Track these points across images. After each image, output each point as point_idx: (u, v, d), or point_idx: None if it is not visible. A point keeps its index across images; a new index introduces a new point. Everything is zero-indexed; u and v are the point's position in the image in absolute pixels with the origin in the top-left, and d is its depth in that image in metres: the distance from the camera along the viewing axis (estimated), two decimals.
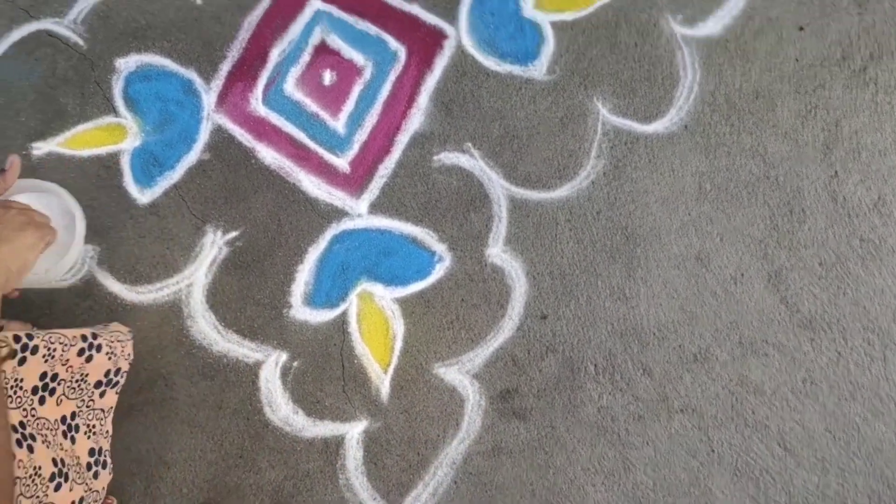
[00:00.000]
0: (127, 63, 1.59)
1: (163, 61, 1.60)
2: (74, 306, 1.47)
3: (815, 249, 1.44)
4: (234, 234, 1.50)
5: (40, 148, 1.54)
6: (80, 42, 1.60)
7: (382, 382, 1.43)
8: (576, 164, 1.51)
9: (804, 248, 1.44)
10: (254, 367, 1.44)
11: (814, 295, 1.43)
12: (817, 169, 1.47)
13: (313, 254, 1.49)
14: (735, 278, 1.44)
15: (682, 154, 1.49)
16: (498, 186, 1.50)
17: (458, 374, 1.43)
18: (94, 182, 1.53)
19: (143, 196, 1.52)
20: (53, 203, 1.15)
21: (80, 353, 1.12)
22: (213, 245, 1.49)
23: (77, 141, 1.55)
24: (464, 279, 1.47)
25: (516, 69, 1.57)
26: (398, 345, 1.44)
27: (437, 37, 1.59)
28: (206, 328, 1.46)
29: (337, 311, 1.46)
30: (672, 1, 1.55)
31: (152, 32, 1.61)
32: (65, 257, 1.13)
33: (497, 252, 1.47)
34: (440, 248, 1.48)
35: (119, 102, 1.57)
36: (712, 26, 1.54)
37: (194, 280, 1.48)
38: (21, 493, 0.92)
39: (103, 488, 1.16)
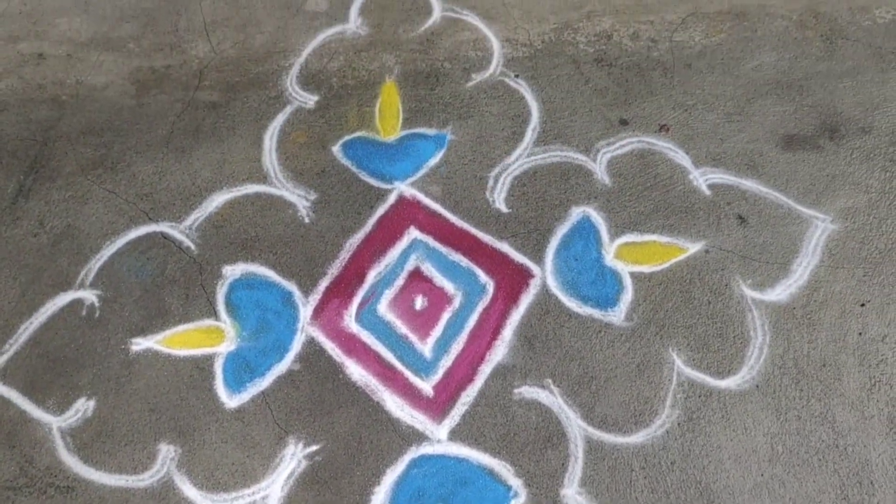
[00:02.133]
0: (233, 270, 1.71)
1: (267, 272, 1.71)
2: None
3: None
4: (314, 447, 1.53)
5: (139, 344, 1.61)
6: (192, 247, 1.73)
7: None
8: (651, 411, 1.57)
9: None
10: None
11: None
12: (884, 442, 1.53)
13: (390, 476, 1.51)
14: None
15: (753, 413, 1.55)
16: (576, 426, 1.55)
17: None
18: (185, 381, 1.58)
19: (231, 401, 1.57)
20: None
21: None
22: (294, 457, 1.52)
23: (175, 340, 1.63)
24: None
25: (596, 313, 1.67)
26: None
27: (524, 275, 1.71)
28: None
29: None
30: (742, 266, 1.69)
31: (260, 244, 1.74)
32: None
33: (572, 493, 1.49)
34: (516, 482, 1.50)
35: (221, 307, 1.66)
36: (780, 293, 1.67)
37: (270, 493, 1.49)
38: None
39: None
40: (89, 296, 1.64)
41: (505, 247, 1.76)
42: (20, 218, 1.72)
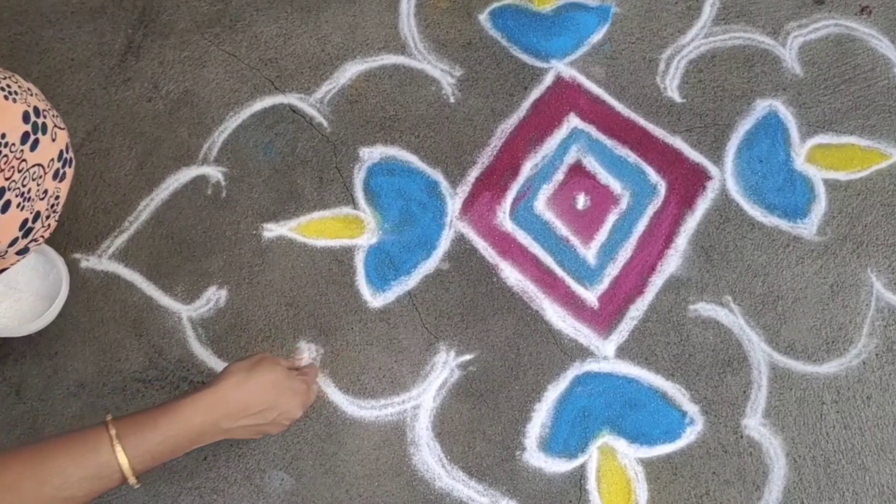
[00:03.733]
0: (371, 153, 1.50)
1: (409, 157, 1.50)
2: None
3: None
4: (468, 356, 1.38)
5: (272, 230, 1.44)
6: (325, 123, 1.52)
7: None
8: (845, 339, 1.39)
9: None
10: None
11: None
12: None
13: (553, 393, 1.36)
14: None
15: None
16: (759, 350, 1.38)
17: None
18: (324, 276, 1.42)
19: (374, 300, 1.41)
20: (50, 270, 1.33)
21: None
22: (445, 366, 1.37)
23: (311, 228, 1.45)
24: (716, 449, 1.33)
25: (784, 224, 1.46)
26: None
27: (700, 176, 1.49)
28: (429, 459, 1.32)
29: (575, 463, 1.33)
30: None
31: (400, 125, 1.52)
32: (37, 320, 1.28)
33: (755, 424, 1.34)
34: (692, 409, 1.35)
35: (359, 194, 1.47)
36: None
37: (422, 402, 1.35)
38: None
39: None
40: (215, 172, 1.46)
41: (678, 142, 1.52)
42: (131, 79, 1.51)
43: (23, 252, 1.02)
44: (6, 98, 0.88)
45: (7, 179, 0.88)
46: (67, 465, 0.79)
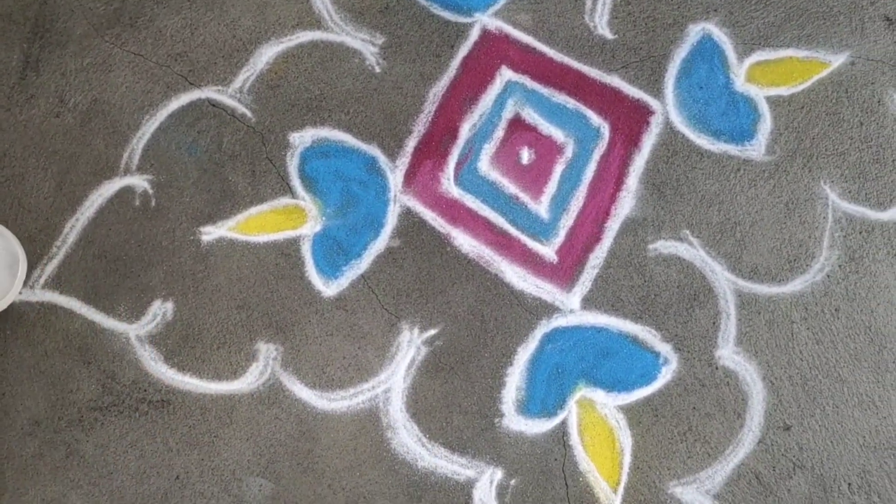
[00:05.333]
0: (302, 138, 1.43)
1: (341, 136, 1.44)
2: (259, 415, 1.29)
3: None
4: (432, 331, 1.34)
5: (210, 233, 1.37)
6: (248, 113, 1.44)
7: (612, 503, 1.27)
8: (807, 254, 1.37)
9: None
10: (465, 486, 1.27)
11: None
12: None
13: (523, 355, 1.33)
14: None
15: None
16: (723, 279, 1.36)
17: (698, 493, 1.27)
18: (272, 272, 1.36)
19: (327, 288, 1.36)
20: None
21: None
22: (411, 344, 1.33)
23: (251, 225, 1.39)
24: (694, 384, 1.32)
25: (732, 149, 1.43)
26: (626, 460, 1.29)
27: (642, 112, 1.45)
28: (408, 441, 1.29)
29: (555, 421, 1.30)
30: None
31: (328, 103, 1.45)
32: (2, 299, 1.23)
33: (728, 354, 1.33)
34: (664, 348, 1.33)
35: (296, 182, 1.41)
36: None
37: (392, 385, 1.31)
38: None
39: None
40: (139, 182, 1.38)
41: (616, 80, 1.48)
42: (35, 96, 1.42)
43: None
44: None
45: None
46: None
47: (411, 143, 1.44)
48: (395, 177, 1.41)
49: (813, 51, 1.49)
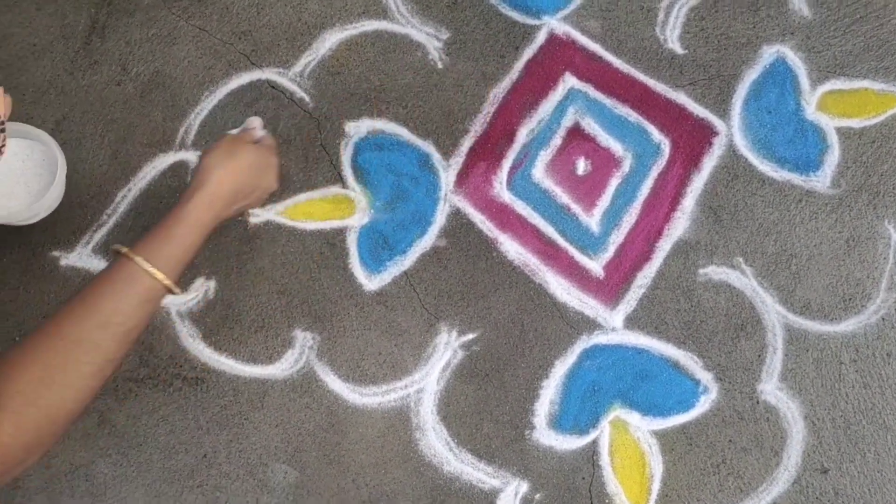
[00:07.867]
0: (358, 128, 1.42)
1: (397, 129, 1.42)
2: (290, 402, 1.29)
3: None
4: (471, 336, 1.32)
5: (258, 215, 1.37)
6: (306, 98, 1.43)
7: None
8: (863, 295, 1.33)
9: None
10: (489, 495, 1.26)
11: None
12: None
13: (560, 369, 1.31)
14: None
15: None
16: (773, 312, 1.32)
17: None
18: (316, 260, 1.35)
19: (370, 282, 1.35)
20: (38, 150, 1.23)
21: None
22: (448, 347, 1.32)
23: (299, 211, 1.38)
24: (732, 417, 1.29)
25: (796, 178, 1.39)
26: (656, 486, 1.26)
27: (706, 132, 1.41)
28: (436, 444, 1.28)
29: (587, 439, 1.28)
30: None
31: (386, 95, 1.44)
32: (39, 201, 1.20)
33: (771, 389, 1.29)
34: (705, 376, 1.30)
35: (347, 171, 1.40)
36: None
37: (425, 386, 1.30)
38: None
39: None
40: (194, 157, 1.39)
41: (682, 97, 1.44)
42: (98, 62, 1.42)
43: None
44: None
45: None
46: (114, 306, 0.80)
47: (467, 143, 1.42)
48: (447, 176, 1.39)
49: (890, 84, 1.44)
